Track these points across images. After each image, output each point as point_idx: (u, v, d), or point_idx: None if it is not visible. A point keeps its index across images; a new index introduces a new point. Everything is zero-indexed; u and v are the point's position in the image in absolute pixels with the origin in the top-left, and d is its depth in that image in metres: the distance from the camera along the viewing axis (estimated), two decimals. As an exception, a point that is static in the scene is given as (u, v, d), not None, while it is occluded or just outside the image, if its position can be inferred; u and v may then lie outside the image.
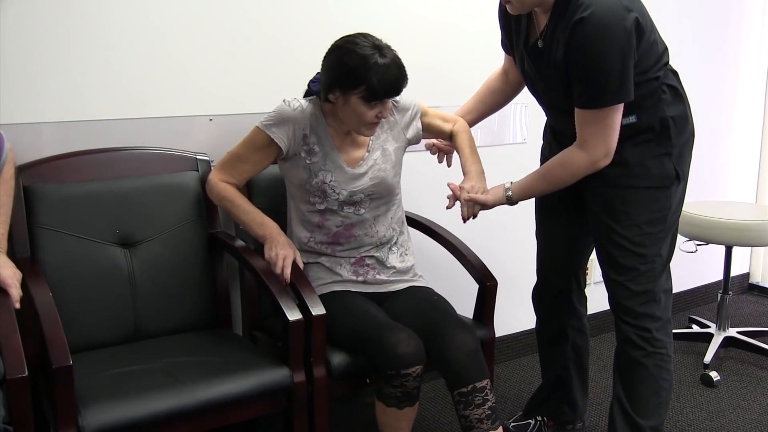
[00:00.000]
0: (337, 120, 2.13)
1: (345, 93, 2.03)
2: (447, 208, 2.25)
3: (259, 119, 2.13)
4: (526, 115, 3.03)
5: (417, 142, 2.33)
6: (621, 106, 1.94)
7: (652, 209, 2.07)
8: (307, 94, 2.21)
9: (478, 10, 2.83)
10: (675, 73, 2.10)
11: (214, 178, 2.17)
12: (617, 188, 2.06)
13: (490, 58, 2.39)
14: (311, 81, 2.18)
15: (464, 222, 2.22)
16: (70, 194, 2.12)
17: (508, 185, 2.18)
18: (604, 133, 1.97)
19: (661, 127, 2.02)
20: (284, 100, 2.13)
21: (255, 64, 2.44)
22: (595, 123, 1.96)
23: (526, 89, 2.27)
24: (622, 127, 1.99)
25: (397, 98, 2.17)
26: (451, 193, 2.24)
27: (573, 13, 1.86)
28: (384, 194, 2.22)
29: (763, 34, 3.91)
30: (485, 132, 2.58)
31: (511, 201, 2.18)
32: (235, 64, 2.40)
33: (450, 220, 2.37)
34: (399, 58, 2.03)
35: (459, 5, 2.82)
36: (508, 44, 2.22)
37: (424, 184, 2.31)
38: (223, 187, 2.15)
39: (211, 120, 2.39)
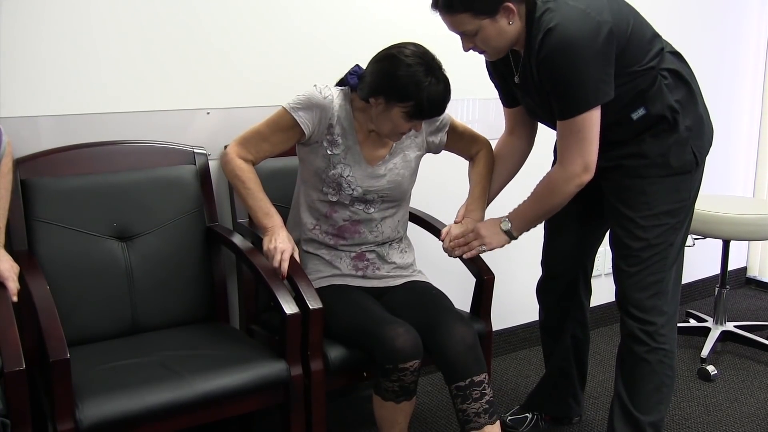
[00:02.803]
0: (366, 117, 2.11)
1: (389, 103, 2.01)
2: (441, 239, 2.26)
3: (256, 113, 2.13)
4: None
5: (436, 152, 2.32)
6: (596, 119, 1.93)
7: (672, 200, 2.07)
8: (340, 83, 2.17)
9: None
10: (676, 54, 2.09)
11: (232, 152, 2.13)
12: (637, 178, 2.06)
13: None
14: (349, 73, 2.12)
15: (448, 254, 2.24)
16: (67, 188, 2.12)
17: (505, 226, 2.14)
18: (579, 146, 1.96)
19: (671, 112, 2.02)
20: (315, 86, 2.10)
21: (253, 58, 2.44)
22: (570, 135, 1.96)
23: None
24: (635, 120, 2.00)
25: None
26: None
27: (537, 34, 1.87)
28: (397, 198, 2.23)
29: (761, 28, 3.91)
30: (485, 126, 2.58)
31: (512, 237, 2.16)
32: (232, 58, 2.40)
33: (448, 215, 2.37)
34: (447, 78, 2.01)
35: None
36: (504, 92, 2.22)
37: (423, 179, 2.31)
38: (239, 164, 2.12)
39: (208, 113, 2.38)
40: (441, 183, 2.54)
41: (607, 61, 1.88)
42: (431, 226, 2.47)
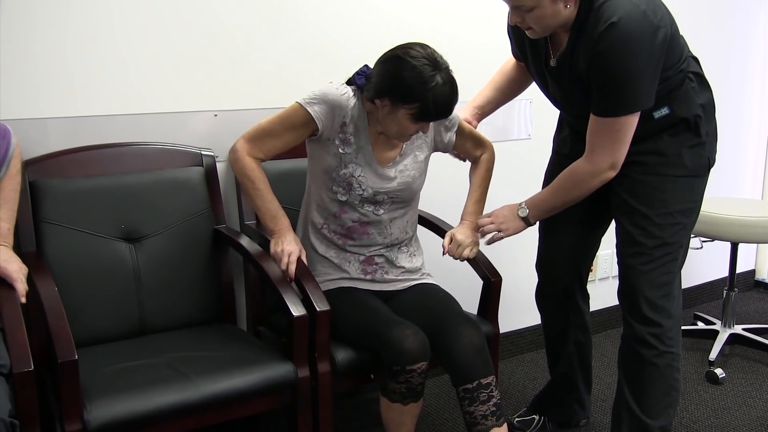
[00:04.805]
0: (374, 118, 2.10)
1: (394, 104, 1.99)
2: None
3: (264, 115, 2.12)
4: (531, 110, 3.03)
5: (444, 151, 2.32)
6: (635, 119, 1.94)
7: (687, 199, 2.08)
8: (348, 84, 2.14)
9: (480, 21, 2.85)
10: (696, 60, 2.10)
11: (242, 150, 2.09)
12: (656, 176, 2.06)
13: (493, 68, 2.41)
14: (356, 73, 2.11)
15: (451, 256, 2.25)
16: (75, 189, 2.13)
17: (522, 213, 2.16)
18: (612, 145, 1.97)
19: (695, 117, 2.03)
20: (331, 82, 2.09)
21: (260, 60, 2.44)
22: (606, 133, 1.96)
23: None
24: (656, 119, 2.00)
25: None
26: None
27: (596, 24, 1.86)
28: (406, 199, 2.22)
29: (769, 30, 3.90)
30: (489, 128, 2.58)
31: (529, 223, 2.19)
32: (240, 59, 2.41)
33: (455, 217, 2.37)
34: (454, 79, 1.99)
35: (460, 16, 2.84)
36: (520, 55, 2.22)
37: (430, 181, 2.31)
38: (249, 163, 2.09)
39: (216, 115, 2.39)
40: (448, 185, 2.54)
41: (658, 67, 1.90)
42: (437, 227, 2.47)
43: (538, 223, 2.37)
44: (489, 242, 2.25)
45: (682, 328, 2.21)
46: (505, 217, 2.19)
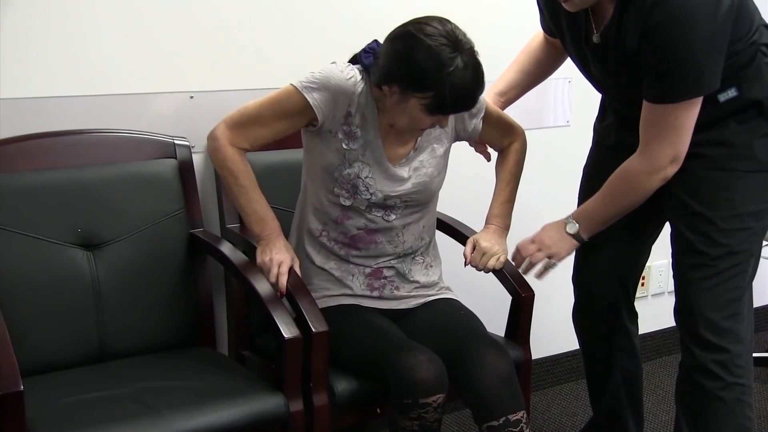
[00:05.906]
0: (383, 107, 2.09)
1: (404, 92, 1.98)
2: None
3: (250, 98, 2.11)
4: (570, 92, 3.01)
5: (469, 141, 2.32)
6: (698, 105, 1.93)
7: (759, 199, 2.06)
8: (352, 63, 2.12)
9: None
10: None
11: (224, 138, 2.08)
12: (721, 171, 2.05)
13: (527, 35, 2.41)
14: (364, 50, 2.10)
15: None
16: (22, 185, 2.12)
17: (571, 229, 2.16)
18: (671, 135, 1.96)
19: None
20: (334, 63, 2.07)
21: (246, 32, 2.44)
22: (663, 122, 1.96)
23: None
24: (722, 102, 1.99)
25: None
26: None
27: None
28: (422, 201, 2.21)
29: None
30: (520, 113, 2.57)
31: (581, 241, 2.18)
32: (221, 31, 2.40)
33: (478, 220, 2.35)
34: (479, 63, 1.97)
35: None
36: (552, 28, 2.21)
37: (450, 177, 2.30)
38: (231, 154, 2.08)
39: (192, 97, 2.39)
40: (470, 182, 2.53)
41: (723, 42, 1.89)
42: (458, 233, 2.46)
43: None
44: (540, 275, 2.24)
45: (754, 355, 2.19)
46: (552, 239, 2.18)
